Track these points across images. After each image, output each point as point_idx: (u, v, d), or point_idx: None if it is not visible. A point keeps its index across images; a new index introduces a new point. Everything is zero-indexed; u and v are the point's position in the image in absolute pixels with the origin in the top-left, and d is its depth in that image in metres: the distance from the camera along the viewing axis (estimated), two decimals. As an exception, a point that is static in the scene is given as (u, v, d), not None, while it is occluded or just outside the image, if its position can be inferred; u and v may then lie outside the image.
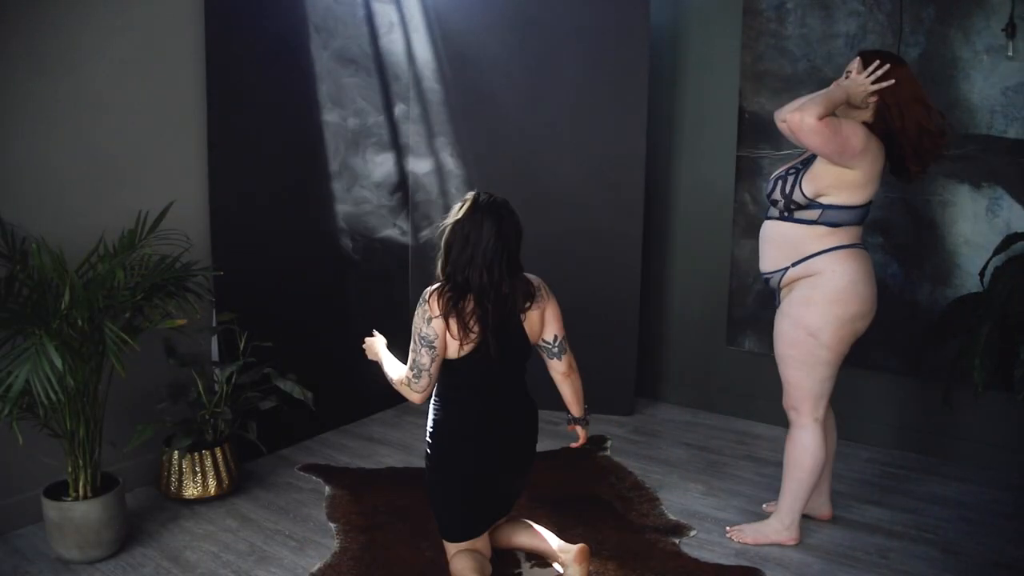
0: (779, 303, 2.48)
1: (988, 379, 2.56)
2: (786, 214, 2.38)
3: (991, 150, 3.06)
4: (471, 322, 2.12)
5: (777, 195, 2.37)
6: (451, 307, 2.11)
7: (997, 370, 2.58)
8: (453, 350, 2.15)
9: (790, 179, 2.34)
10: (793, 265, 2.37)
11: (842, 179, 2.26)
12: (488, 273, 2.11)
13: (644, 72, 3.58)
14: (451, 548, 2.27)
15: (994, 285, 2.75)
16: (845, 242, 2.32)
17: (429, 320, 2.12)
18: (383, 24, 3.68)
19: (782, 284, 2.43)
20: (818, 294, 2.33)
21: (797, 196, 2.31)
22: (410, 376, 2.18)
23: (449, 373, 2.21)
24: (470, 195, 2.20)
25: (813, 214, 2.32)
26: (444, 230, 2.19)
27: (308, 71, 3.34)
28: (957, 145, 3.12)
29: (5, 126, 2.45)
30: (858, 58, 2.33)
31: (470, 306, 2.12)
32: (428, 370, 2.16)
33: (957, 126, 3.10)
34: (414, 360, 2.16)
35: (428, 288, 2.18)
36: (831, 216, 2.31)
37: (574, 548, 2.24)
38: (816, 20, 3.40)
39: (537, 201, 3.75)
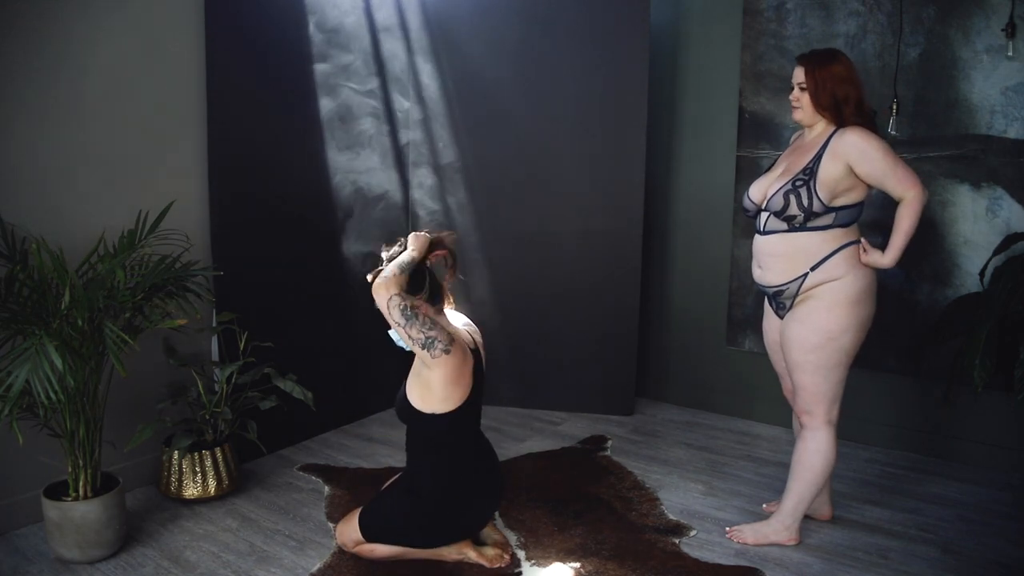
0: (787, 310, 2.46)
1: (988, 379, 2.56)
2: (797, 225, 2.36)
3: (991, 150, 3.06)
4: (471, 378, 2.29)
5: (795, 210, 2.33)
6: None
7: (997, 370, 2.58)
8: (458, 397, 2.24)
9: (802, 192, 2.32)
10: (812, 270, 2.35)
11: (853, 180, 2.31)
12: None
13: (644, 72, 3.58)
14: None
15: (994, 285, 2.75)
16: (853, 238, 2.37)
17: (464, 352, 2.25)
18: (383, 25, 3.68)
19: (801, 291, 2.40)
20: (842, 297, 2.34)
21: (817, 207, 2.31)
22: (426, 338, 2.15)
23: (445, 429, 2.26)
24: None
25: (828, 219, 2.34)
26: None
27: (307, 71, 3.34)
28: (957, 145, 3.12)
29: (5, 126, 2.45)
30: (799, 67, 2.39)
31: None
32: (436, 339, 2.15)
33: (957, 126, 3.11)
34: (432, 337, 2.15)
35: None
36: (844, 217, 2.34)
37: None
38: (816, 20, 3.40)
39: (537, 201, 3.77)
